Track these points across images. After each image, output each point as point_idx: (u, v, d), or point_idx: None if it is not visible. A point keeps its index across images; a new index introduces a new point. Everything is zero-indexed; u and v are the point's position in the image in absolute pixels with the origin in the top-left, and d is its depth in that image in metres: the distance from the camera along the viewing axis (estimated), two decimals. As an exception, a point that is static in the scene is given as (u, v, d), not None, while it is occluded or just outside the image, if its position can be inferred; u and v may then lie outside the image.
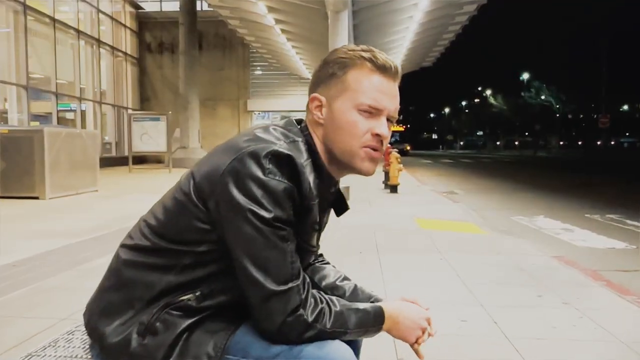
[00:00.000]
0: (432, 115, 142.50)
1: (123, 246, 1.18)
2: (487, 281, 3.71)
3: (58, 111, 18.42)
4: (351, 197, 8.50)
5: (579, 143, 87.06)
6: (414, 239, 5.34)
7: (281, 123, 1.20)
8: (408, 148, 54.26)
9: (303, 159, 1.10)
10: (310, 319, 1.06)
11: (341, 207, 1.29)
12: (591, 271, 4.11)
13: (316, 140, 1.17)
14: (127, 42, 25.03)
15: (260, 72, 28.18)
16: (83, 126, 19.80)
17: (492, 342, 2.57)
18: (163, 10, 26.87)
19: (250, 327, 1.11)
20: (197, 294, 1.10)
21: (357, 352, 1.30)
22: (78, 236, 5.22)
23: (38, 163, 8.56)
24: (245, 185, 1.03)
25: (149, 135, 17.44)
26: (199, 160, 1.17)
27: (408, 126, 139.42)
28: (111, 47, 23.07)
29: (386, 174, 10.82)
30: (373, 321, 1.15)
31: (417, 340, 1.20)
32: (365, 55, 1.15)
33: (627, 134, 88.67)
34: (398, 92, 1.18)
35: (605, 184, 14.72)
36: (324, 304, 1.09)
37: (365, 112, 1.14)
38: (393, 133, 1.56)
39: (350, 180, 8.68)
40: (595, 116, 65.57)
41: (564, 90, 62.78)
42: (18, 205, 7.81)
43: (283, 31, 18.00)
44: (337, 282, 1.36)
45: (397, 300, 1.24)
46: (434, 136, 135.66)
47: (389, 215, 7.17)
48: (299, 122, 1.21)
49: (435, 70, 32.72)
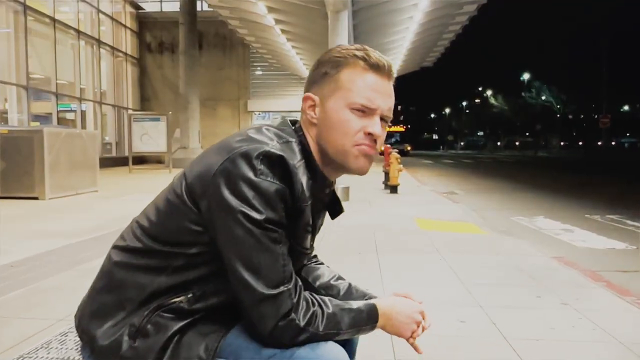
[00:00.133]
0: (433, 115, 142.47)
1: (115, 247, 1.17)
2: (487, 282, 3.70)
3: (58, 111, 18.45)
4: (351, 197, 8.49)
5: (580, 143, 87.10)
6: (414, 239, 5.33)
7: (275, 123, 1.19)
8: (408, 148, 54.27)
9: (296, 160, 1.08)
10: (302, 323, 1.04)
11: (336, 210, 1.28)
12: (591, 272, 4.09)
13: (310, 140, 1.16)
14: (127, 42, 25.05)
15: (260, 72, 28.17)
16: (83, 126, 19.81)
17: (491, 343, 2.56)
18: (163, 10, 26.90)
19: (242, 330, 1.10)
20: (189, 296, 1.08)
21: (354, 351, 1.29)
22: (77, 236, 5.21)
23: (38, 163, 8.56)
24: (236, 186, 1.02)
25: (149, 135, 17.45)
26: (192, 160, 1.16)
27: (408, 126, 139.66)
28: (111, 48, 23.09)
29: (386, 174, 10.81)
30: (366, 320, 1.14)
31: (413, 334, 1.19)
32: (358, 53, 1.14)
33: (628, 134, 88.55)
34: (392, 91, 1.17)
35: (605, 185, 14.70)
36: (316, 307, 1.08)
37: (358, 111, 1.12)
38: (393, 133, 1.55)
39: (350, 180, 8.68)
40: (595, 116, 65.62)
41: (565, 90, 63.00)
42: (18, 205, 7.81)
43: (283, 31, 18.00)
44: (332, 282, 1.35)
45: (390, 296, 1.23)
46: (435, 136, 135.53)
47: (389, 215, 7.16)
48: (294, 123, 1.20)
49: (435, 70, 32.66)
